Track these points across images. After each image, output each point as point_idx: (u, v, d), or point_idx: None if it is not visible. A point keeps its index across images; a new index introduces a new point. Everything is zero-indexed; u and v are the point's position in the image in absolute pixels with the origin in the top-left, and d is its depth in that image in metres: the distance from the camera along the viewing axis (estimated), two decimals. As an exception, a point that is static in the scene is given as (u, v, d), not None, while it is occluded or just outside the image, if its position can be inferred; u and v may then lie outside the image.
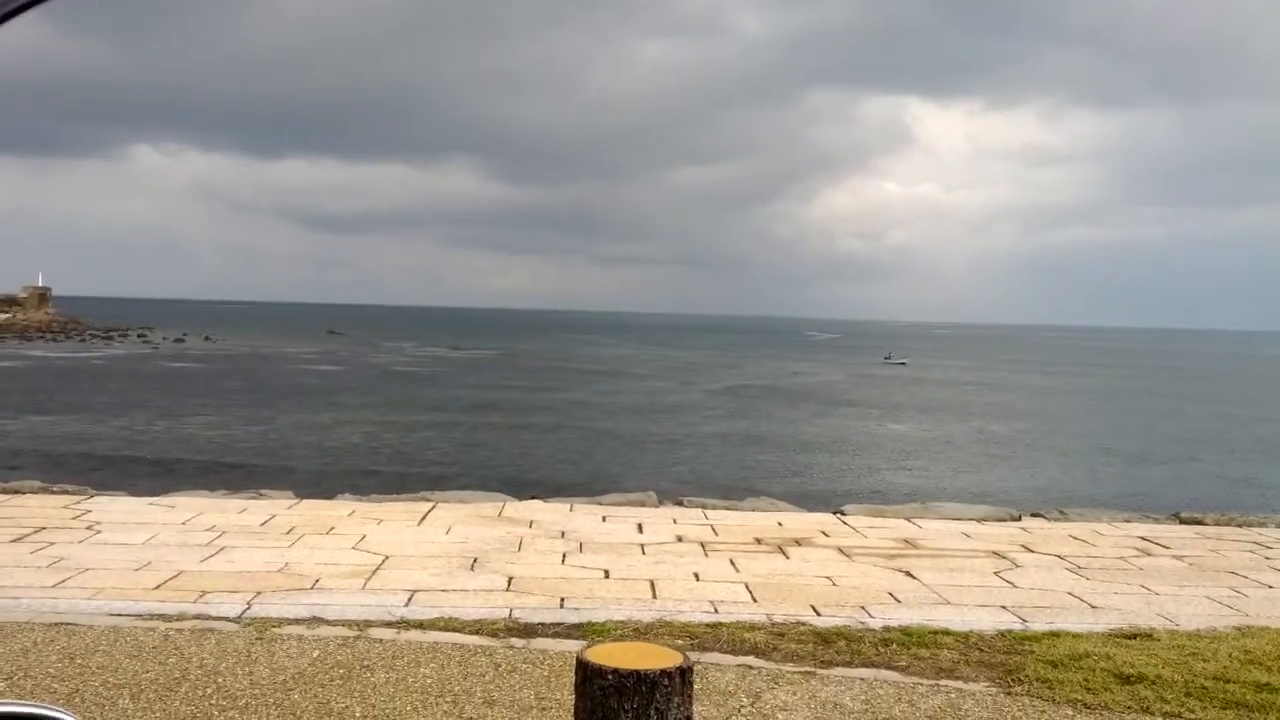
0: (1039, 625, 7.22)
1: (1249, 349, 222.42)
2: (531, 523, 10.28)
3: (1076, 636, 6.89)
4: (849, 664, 6.25)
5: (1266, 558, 9.84)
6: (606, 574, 8.31)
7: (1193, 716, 5.50)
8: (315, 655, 6.07)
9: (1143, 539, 10.57)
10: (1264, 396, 75.32)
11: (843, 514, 11.47)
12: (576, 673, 3.70)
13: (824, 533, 10.34)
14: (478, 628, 6.71)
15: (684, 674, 3.66)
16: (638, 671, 3.57)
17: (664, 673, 3.59)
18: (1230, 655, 6.55)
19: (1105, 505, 13.95)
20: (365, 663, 5.97)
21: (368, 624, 6.76)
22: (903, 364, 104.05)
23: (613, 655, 3.70)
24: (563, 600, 7.50)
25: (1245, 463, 38.58)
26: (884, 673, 6.11)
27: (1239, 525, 11.59)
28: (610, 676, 3.57)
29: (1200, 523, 11.65)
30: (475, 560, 8.62)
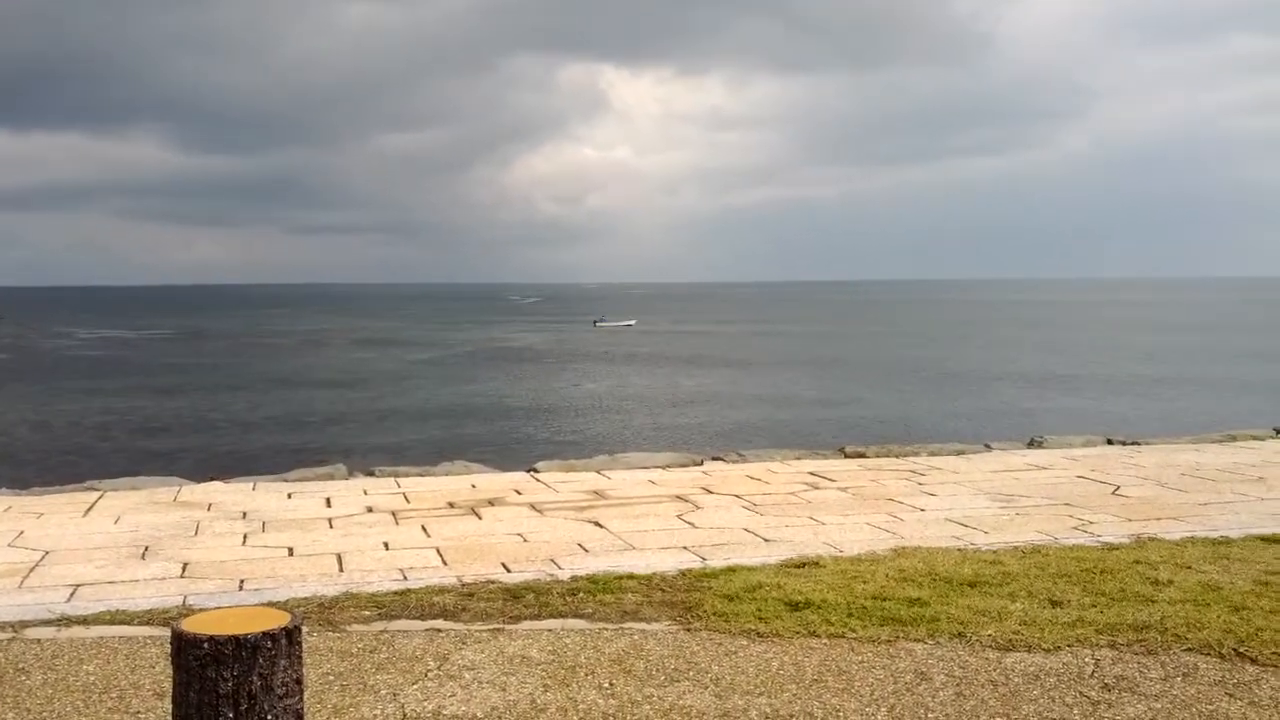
0: (717, 562, 7.59)
1: (905, 296, 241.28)
2: (210, 505, 9.80)
3: (751, 569, 7.28)
4: (537, 617, 6.34)
5: (919, 484, 10.74)
6: (291, 552, 8.05)
7: (854, 635, 5.91)
8: (-40, 664, 5.57)
9: (812, 474, 11.31)
10: (923, 340, 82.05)
11: (535, 471, 11.61)
12: (172, 644, 3.49)
13: (517, 491, 10.45)
14: (148, 618, 6.35)
15: (290, 635, 3.49)
16: (236, 637, 3.38)
17: (266, 635, 3.41)
18: (887, 575, 7.09)
19: (781, 446, 14.79)
20: (20, 665, 5.53)
21: (24, 624, 6.26)
22: (629, 326, 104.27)
23: (212, 622, 3.52)
24: (242, 582, 7.20)
25: (905, 399, 41.95)
26: (571, 621, 6.24)
27: (896, 456, 12.58)
28: (206, 645, 3.36)
29: (863, 455, 12.58)
30: (147, 548, 8.13)
